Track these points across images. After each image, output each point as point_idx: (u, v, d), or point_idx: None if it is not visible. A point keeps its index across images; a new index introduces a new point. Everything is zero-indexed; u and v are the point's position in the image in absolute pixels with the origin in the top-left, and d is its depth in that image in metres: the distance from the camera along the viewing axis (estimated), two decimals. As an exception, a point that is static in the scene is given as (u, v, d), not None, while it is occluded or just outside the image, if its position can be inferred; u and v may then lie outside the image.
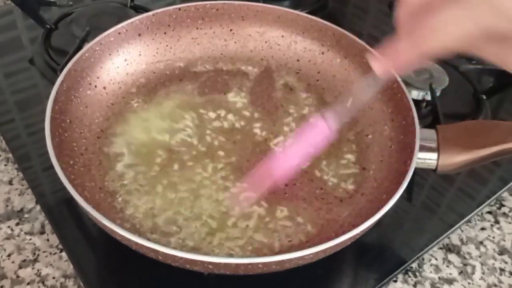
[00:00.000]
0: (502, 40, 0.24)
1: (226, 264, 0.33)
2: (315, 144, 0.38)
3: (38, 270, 0.43)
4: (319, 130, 0.37)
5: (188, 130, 0.48)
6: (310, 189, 0.44)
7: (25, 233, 0.45)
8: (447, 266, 0.45)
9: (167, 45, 0.54)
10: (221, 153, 0.46)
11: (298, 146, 0.39)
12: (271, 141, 0.48)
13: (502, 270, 0.46)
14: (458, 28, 0.24)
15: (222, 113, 0.50)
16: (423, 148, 0.41)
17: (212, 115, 0.50)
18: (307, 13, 0.55)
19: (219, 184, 0.43)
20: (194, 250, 0.39)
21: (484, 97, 0.58)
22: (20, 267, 0.43)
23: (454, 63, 0.62)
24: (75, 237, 0.44)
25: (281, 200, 0.43)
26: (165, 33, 0.54)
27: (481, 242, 0.48)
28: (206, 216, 0.41)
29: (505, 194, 0.52)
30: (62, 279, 0.42)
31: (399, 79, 0.46)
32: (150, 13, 0.52)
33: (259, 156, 0.46)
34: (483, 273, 0.45)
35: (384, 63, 0.28)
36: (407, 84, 0.51)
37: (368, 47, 0.50)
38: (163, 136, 0.47)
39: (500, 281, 0.45)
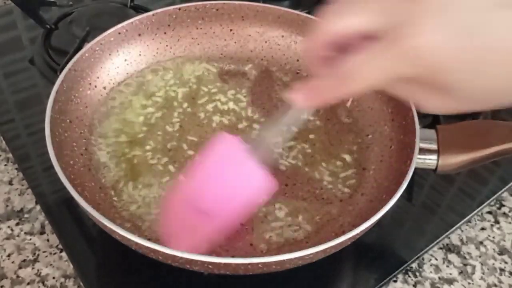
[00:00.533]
0: (409, 82, 0.25)
1: (226, 264, 0.33)
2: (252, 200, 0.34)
3: (38, 270, 0.43)
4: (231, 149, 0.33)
5: (187, 129, 0.48)
6: (310, 189, 0.44)
7: (25, 233, 0.45)
8: (447, 266, 0.45)
9: (167, 45, 0.54)
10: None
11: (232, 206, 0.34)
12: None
13: (502, 270, 0.46)
14: (372, 74, 0.25)
15: (222, 113, 0.50)
16: (423, 148, 0.41)
17: (211, 115, 0.50)
18: (307, 13, 0.55)
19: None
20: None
21: (484, 97, 0.58)
22: (20, 267, 0.43)
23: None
24: (75, 237, 0.44)
25: (281, 200, 0.43)
26: (165, 33, 0.54)
27: (481, 242, 0.48)
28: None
29: (505, 194, 0.52)
30: (62, 279, 0.42)
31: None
32: (150, 13, 0.52)
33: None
34: (483, 273, 0.45)
35: (306, 96, 0.28)
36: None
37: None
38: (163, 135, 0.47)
39: (500, 281, 0.45)
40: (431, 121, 0.54)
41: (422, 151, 0.41)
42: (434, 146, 0.42)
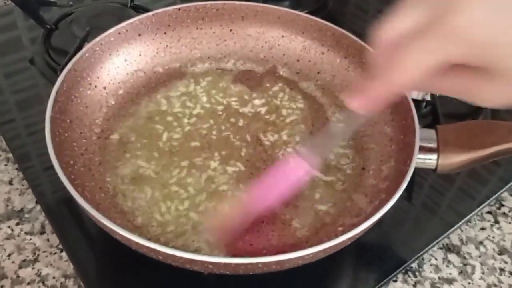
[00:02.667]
0: (461, 71, 0.25)
1: (226, 264, 0.33)
2: (293, 183, 0.37)
3: (38, 270, 0.43)
4: (298, 170, 0.36)
5: (187, 128, 0.48)
6: (310, 189, 0.44)
7: (25, 233, 0.45)
8: (447, 266, 0.45)
9: (167, 45, 0.54)
10: (223, 152, 0.46)
11: (276, 186, 0.38)
12: (266, 141, 0.48)
13: (502, 270, 0.46)
14: (420, 60, 0.25)
15: (222, 113, 0.50)
16: (423, 148, 0.41)
17: (211, 115, 0.50)
18: (307, 13, 0.55)
19: (228, 181, 0.43)
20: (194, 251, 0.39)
21: (484, 97, 0.58)
22: (20, 267, 0.43)
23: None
24: (75, 237, 0.44)
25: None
26: (165, 33, 0.54)
27: (481, 242, 0.48)
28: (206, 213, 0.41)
29: (505, 194, 0.52)
30: (62, 279, 0.42)
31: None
32: (150, 13, 0.52)
33: (258, 155, 0.46)
34: (483, 273, 0.45)
35: (359, 100, 0.28)
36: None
37: (368, 47, 0.50)
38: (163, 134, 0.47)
39: (500, 281, 0.45)
40: (431, 121, 0.54)
41: (422, 151, 0.41)
42: (434, 146, 0.42)
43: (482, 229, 0.49)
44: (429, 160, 0.42)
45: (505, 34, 0.23)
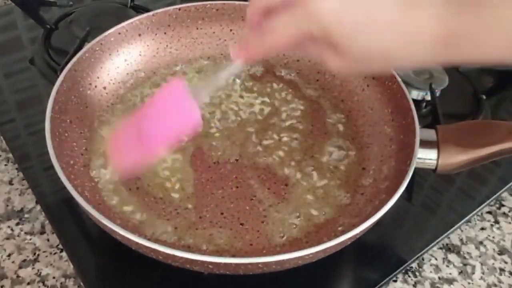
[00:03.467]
0: (317, 41, 0.31)
1: (226, 264, 0.33)
2: (181, 128, 0.37)
3: (38, 270, 0.43)
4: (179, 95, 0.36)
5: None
6: (310, 189, 0.44)
7: (25, 233, 0.45)
8: (447, 266, 0.45)
9: (167, 45, 0.54)
10: (219, 153, 0.46)
11: (163, 125, 0.37)
12: (267, 140, 0.48)
13: (502, 270, 0.46)
14: (286, 31, 0.31)
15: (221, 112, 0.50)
16: (423, 148, 0.41)
17: (211, 115, 0.50)
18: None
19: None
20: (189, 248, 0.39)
21: (484, 97, 0.58)
22: (20, 267, 0.43)
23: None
24: (75, 237, 0.44)
25: (280, 199, 0.43)
26: (165, 33, 0.54)
27: (481, 242, 0.48)
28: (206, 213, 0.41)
29: (505, 194, 0.52)
30: (62, 279, 0.42)
31: (399, 79, 0.46)
32: (150, 13, 0.52)
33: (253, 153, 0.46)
34: (483, 273, 0.45)
35: (242, 53, 0.34)
36: (407, 84, 0.51)
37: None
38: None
39: (500, 281, 0.45)
40: (431, 121, 0.54)
41: (422, 151, 0.41)
42: (434, 146, 0.42)
43: (482, 229, 0.49)
44: (429, 160, 0.42)
45: (348, 20, 0.29)
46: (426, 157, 0.42)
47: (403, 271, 0.45)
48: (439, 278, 0.44)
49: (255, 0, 0.33)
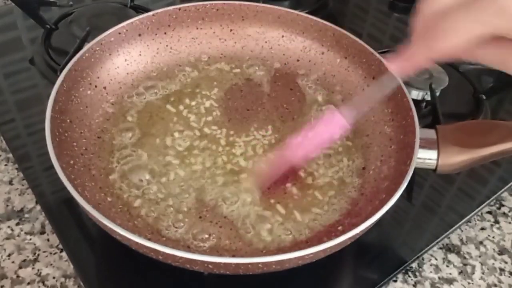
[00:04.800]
0: (505, 42, 0.27)
1: (226, 264, 0.33)
2: (330, 135, 0.39)
3: (38, 270, 0.43)
4: (335, 122, 0.38)
5: (186, 130, 0.48)
6: (310, 189, 0.44)
7: (25, 233, 0.45)
8: (447, 266, 0.45)
9: (167, 45, 0.54)
10: (218, 151, 0.46)
11: (314, 136, 0.40)
12: (267, 140, 0.48)
13: (502, 270, 0.46)
14: (466, 29, 0.26)
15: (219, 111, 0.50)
16: (423, 148, 0.41)
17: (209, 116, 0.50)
18: (307, 13, 0.55)
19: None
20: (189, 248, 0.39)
21: (484, 97, 0.58)
22: (20, 267, 0.43)
23: (454, 63, 0.62)
24: (75, 237, 0.44)
25: (280, 199, 0.43)
26: (165, 33, 0.54)
27: (481, 242, 0.48)
28: (207, 214, 0.41)
29: (505, 194, 0.52)
30: (62, 279, 0.42)
31: (399, 79, 0.46)
32: (150, 13, 0.52)
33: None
34: (483, 273, 0.45)
35: (398, 63, 0.31)
36: (407, 84, 0.51)
37: (368, 47, 0.50)
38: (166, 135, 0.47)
39: (500, 281, 0.45)
40: (431, 121, 0.54)
41: (422, 151, 0.41)
42: (434, 146, 0.42)
43: (482, 229, 0.49)
44: (429, 160, 0.42)
45: None
46: (426, 157, 0.42)
47: (403, 271, 0.45)
48: (439, 278, 0.44)
49: (426, 4, 0.29)
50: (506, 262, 0.46)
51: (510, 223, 0.50)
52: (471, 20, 0.26)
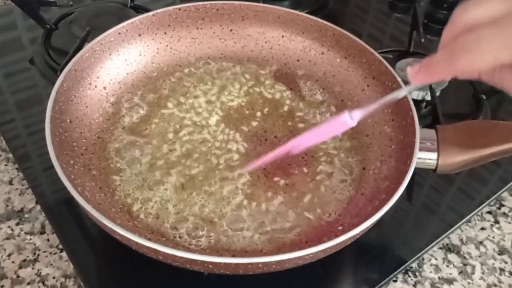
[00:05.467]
0: None
1: (226, 264, 0.33)
2: (333, 129, 0.40)
3: (38, 270, 0.43)
4: (341, 120, 0.38)
5: (185, 129, 0.48)
6: (310, 188, 0.44)
7: (25, 233, 0.45)
8: (447, 266, 0.45)
9: (167, 45, 0.54)
10: (218, 151, 0.46)
11: (316, 128, 0.40)
12: (267, 139, 0.48)
13: (502, 270, 0.46)
14: (489, 49, 0.24)
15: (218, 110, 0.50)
16: (423, 148, 0.41)
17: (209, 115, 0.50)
18: (307, 13, 0.55)
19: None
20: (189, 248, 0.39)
21: (484, 97, 0.58)
22: (20, 267, 0.43)
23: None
24: (75, 237, 0.44)
25: (281, 199, 0.43)
26: (165, 33, 0.54)
27: (481, 242, 0.48)
28: (207, 214, 0.41)
29: (505, 194, 0.52)
30: (62, 279, 0.42)
31: (399, 79, 0.46)
32: (150, 13, 0.52)
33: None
34: (483, 273, 0.45)
35: (421, 74, 0.30)
36: (407, 84, 0.50)
37: (368, 47, 0.50)
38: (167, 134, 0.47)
39: (500, 281, 0.45)
40: (431, 121, 0.54)
41: (422, 151, 0.41)
42: (434, 146, 0.42)
43: (482, 229, 0.49)
44: (429, 160, 0.42)
45: None
46: (426, 157, 0.42)
47: (403, 271, 0.45)
48: (439, 278, 0.44)
49: (458, 14, 0.27)
50: (506, 262, 0.46)
51: (510, 223, 0.50)
52: (499, 45, 0.24)
